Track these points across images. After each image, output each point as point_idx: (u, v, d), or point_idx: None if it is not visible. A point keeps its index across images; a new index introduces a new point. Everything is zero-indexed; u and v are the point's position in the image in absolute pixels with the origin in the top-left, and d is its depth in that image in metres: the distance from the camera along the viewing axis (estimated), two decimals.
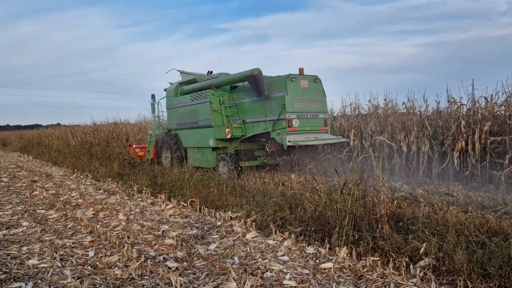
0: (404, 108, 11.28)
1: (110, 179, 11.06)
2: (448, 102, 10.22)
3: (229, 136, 11.13)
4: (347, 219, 5.05)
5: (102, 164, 13.68)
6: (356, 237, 4.93)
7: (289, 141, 9.88)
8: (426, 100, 10.75)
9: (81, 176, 12.18)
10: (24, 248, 5.28)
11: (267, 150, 10.81)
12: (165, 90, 13.89)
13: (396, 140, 10.62)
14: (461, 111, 9.91)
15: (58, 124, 37.27)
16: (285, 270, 4.42)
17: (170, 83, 14.00)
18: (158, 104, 14.52)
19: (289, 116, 10.16)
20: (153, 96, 14.38)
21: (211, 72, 12.92)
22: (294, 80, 10.36)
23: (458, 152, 9.33)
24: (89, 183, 10.79)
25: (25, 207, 7.84)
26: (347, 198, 5.47)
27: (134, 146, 14.90)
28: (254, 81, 10.46)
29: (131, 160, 13.74)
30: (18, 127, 58.17)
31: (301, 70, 10.70)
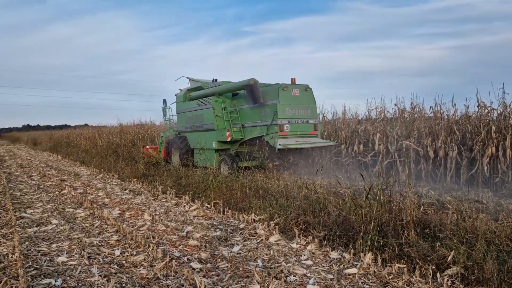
0: (431, 112, 11.13)
1: (135, 179, 11.00)
2: (477, 106, 10.06)
3: (229, 139, 11.74)
4: (372, 225, 4.95)
5: (127, 165, 13.65)
6: (381, 243, 4.83)
7: (279, 144, 10.39)
8: (455, 104, 10.66)
9: (107, 176, 12.15)
10: (54, 245, 5.34)
11: (266, 158, 11.28)
12: (176, 95, 14.55)
13: (423, 145, 10.38)
14: (492, 115, 9.68)
15: (86, 124, 37.67)
16: (308, 275, 4.35)
17: (180, 89, 14.63)
18: (169, 108, 15.27)
19: (280, 122, 10.77)
20: (164, 101, 15.13)
21: (216, 80, 13.61)
22: (285, 89, 10.96)
23: (488, 158, 9.11)
24: (115, 183, 10.74)
25: (54, 206, 7.92)
26: (372, 203, 5.36)
27: (147, 146, 15.57)
28: (250, 90, 11.12)
29: (156, 162, 13.73)
30: (48, 127, 59.03)
31: (293, 80, 11.29)
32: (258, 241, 5.47)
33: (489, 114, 9.77)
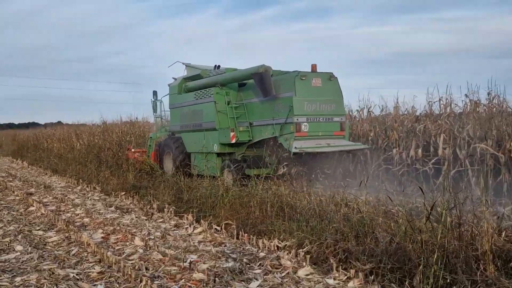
0: None
1: (123, 193, 11.02)
2: None
3: (234, 141, 12.19)
4: (435, 255, 4.91)
5: (113, 174, 13.72)
6: (448, 280, 4.77)
7: (295, 148, 10.74)
8: None
9: (88, 189, 12.13)
10: (18, 279, 5.35)
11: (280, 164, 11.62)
12: (169, 86, 14.87)
13: (504, 150, 10.26)
14: None
15: (60, 122, 37.66)
16: None
17: (174, 78, 14.94)
18: (161, 102, 15.74)
19: (297, 120, 11.14)
20: (154, 93, 15.56)
21: (219, 66, 13.88)
22: (304, 78, 11.33)
23: None
24: (97, 198, 10.75)
25: (18, 227, 7.93)
26: (435, 227, 5.31)
27: (133, 150, 15.91)
28: (260, 79, 11.51)
29: (150, 170, 13.80)
30: (11, 126, 59.23)
31: (313, 67, 11.62)
32: (283, 275, 5.44)
33: None
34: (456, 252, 5.13)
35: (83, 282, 5.24)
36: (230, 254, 6.23)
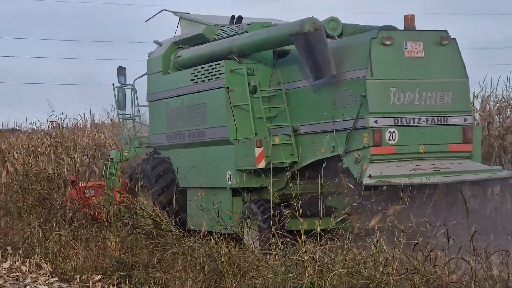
0: None
1: (97, 277, 10.00)
2: None
3: (261, 165, 10.73)
4: None
5: (78, 236, 12.24)
6: None
7: (370, 176, 9.42)
8: None
9: (25, 267, 11.17)
10: None
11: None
12: (148, 58, 13.63)
13: None
14: None
15: None
16: None
17: (156, 42, 13.63)
18: (133, 89, 14.26)
19: (375, 122, 9.68)
20: (121, 72, 14.20)
21: (240, 18, 12.45)
22: (389, 42, 9.75)
23: None
24: (46, 287, 10.05)
25: None
26: None
27: (83, 184, 14.23)
28: (305, 45, 10.12)
29: (155, 226, 12.11)
30: None
31: (409, 19, 10.30)
32: None
33: None
34: None
35: None
36: None
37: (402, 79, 10.00)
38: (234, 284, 8.94)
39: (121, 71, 14.30)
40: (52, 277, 10.57)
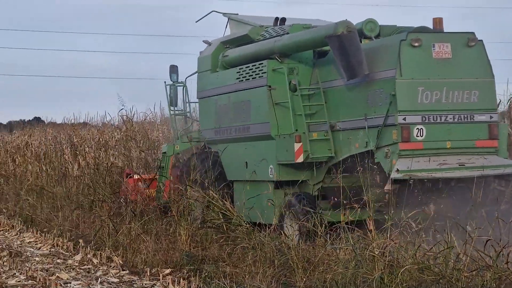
0: None
1: (167, 271, 10.17)
2: None
3: (300, 159, 11.35)
4: None
5: (148, 230, 12.46)
6: None
7: (397, 171, 10.09)
8: None
9: (96, 260, 11.29)
10: None
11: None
12: (198, 58, 14.28)
13: None
14: None
15: (38, 120, 35.92)
16: None
17: (206, 41, 14.29)
18: (184, 87, 14.85)
19: (403, 120, 10.34)
20: (173, 70, 14.84)
21: (283, 20, 13.00)
22: (417, 44, 10.39)
23: None
24: (116, 280, 10.05)
25: None
26: None
27: (135, 177, 15.15)
28: (339, 46, 10.74)
29: (225, 220, 12.45)
30: None
31: (437, 22, 11.02)
32: None
33: None
34: None
35: None
36: None
37: (430, 78, 10.56)
38: (304, 279, 8.93)
39: (173, 69, 14.86)
40: (123, 270, 10.74)
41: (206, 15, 15.64)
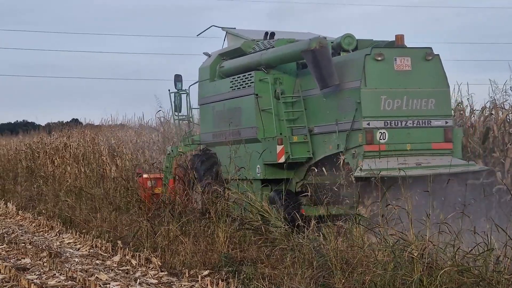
0: None
1: (206, 272, 10.19)
2: None
3: (282, 159, 12.55)
4: None
5: (187, 231, 12.51)
6: None
7: (360, 170, 11.11)
8: None
9: (134, 261, 11.37)
10: None
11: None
12: (200, 68, 15.60)
13: None
14: None
15: (76, 121, 35.67)
16: None
17: (206, 53, 15.65)
18: (187, 94, 16.08)
19: (367, 124, 11.41)
20: (178, 79, 16.09)
21: (272, 34, 14.30)
22: (380, 58, 11.51)
23: None
24: (155, 281, 10.03)
25: None
26: None
27: (145, 176, 16.63)
28: (313, 60, 11.89)
29: (264, 221, 12.50)
30: None
31: (398, 38, 12.08)
32: None
33: None
34: None
35: None
36: None
37: (392, 88, 11.73)
38: (343, 280, 8.93)
39: (178, 78, 16.19)
40: (161, 271, 10.78)
41: (207, 29, 16.96)
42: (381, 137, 11.61)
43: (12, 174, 28.70)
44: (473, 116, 15.22)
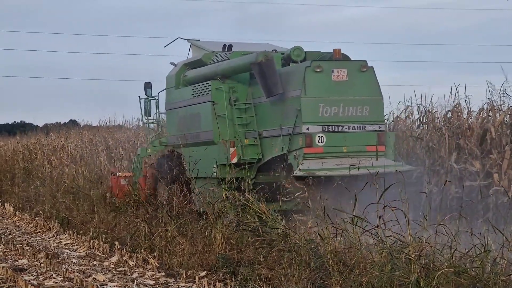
0: None
1: (203, 273, 10.18)
2: None
3: (234, 160, 13.59)
4: None
5: (184, 232, 12.54)
6: None
7: (300, 170, 12.14)
8: None
9: (132, 262, 11.33)
10: None
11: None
12: (167, 76, 16.79)
13: None
14: None
15: (74, 123, 35.61)
16: None
17: (172, 63, 16.82)
18: (156, 100, 17.19)
19: (307, 129, 12.45)
20: (148, 86, 17.30)
21: (230, 47, 15.46)
22: (319, 70, 12.60)
23: None
24: (152, 283, 9.99)
25: None
26: None
27: (118, 175, 17.69)
28: (260, 72, 12.90)
29: (261, 223, 12.44)
30: None
31: (337, 52, 13.08)
32: None
33: None
34: None
35: None
36: None
37: (329, 97, 12.75)
38: (340, 282, 8.88)
39: (148, 85, 17.26)
40: (159, 272, 10.77)
41: (173, 41, 18.10)
42: (320, 141, 12.59)
43: (10, 175, 28.66)
44: (471, 118, 15.35)
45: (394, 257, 8.79)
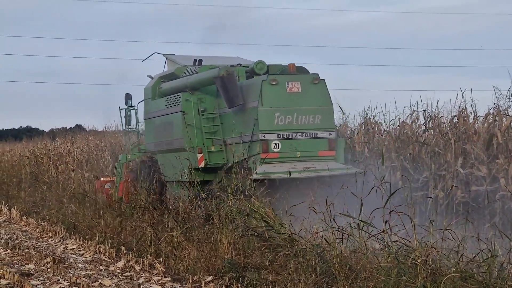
0: None
1: (209, 278, 10.15)
2: None
3: (202, 165, 14.80)
4: None
5: (190, 237, 12.60)
6: None
7: (256, 173, 13.14)
8: None
9: (138, 267, 11.38)
10: None
11: None
12: (145, 88, 17.96)
13: None
14: None
15: (79, 127, 35.60)
16: None
17: (149, 76, 17.93)
18: (136, 110, 18.66)
19: (263, 137, 13.67)
20: (128, 97, 18.62)
21: (200, 61, 16.67)
22: (274, 83, 13.77)
23: None
24: (159, 287, 10.13)
25: None
26: None
27: (103, 179, 19.33)
28: (222, 85, 14.09)
29: (267, 227, 12.44)
30: None
31: (291, 66, 14.21)
32: None
33: None
34: None
35: None
36: None
37: (284, 107, 13.89)
38: (346, 286, 8.89)
39: (128, 96, 18.52)
40: (165, 277, 10.83)
41: (150, 55, 19.28)
42: (275, 147, 13.75)
43: (16, 180, 28.77)
44: (477, 123, 15.51)
45: (401, 262, 8.82)
